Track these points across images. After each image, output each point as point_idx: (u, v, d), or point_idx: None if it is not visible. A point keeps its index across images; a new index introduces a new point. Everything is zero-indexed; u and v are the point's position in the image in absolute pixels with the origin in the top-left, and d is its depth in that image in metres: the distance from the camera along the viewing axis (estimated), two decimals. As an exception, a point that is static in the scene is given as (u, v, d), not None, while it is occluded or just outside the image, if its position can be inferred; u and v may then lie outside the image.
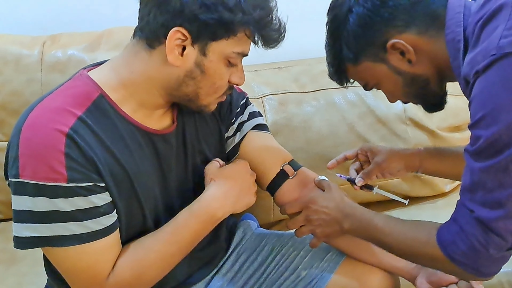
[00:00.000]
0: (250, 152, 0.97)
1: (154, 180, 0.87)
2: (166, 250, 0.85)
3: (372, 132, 1.31)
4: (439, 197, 1.39)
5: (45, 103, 0.79)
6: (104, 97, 0.81)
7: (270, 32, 0.81)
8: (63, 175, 0.74)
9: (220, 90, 0.85)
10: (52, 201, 0.75)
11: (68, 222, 0.76)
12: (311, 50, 1.48)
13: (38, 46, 1.29)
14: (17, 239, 0.78)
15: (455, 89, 1.34)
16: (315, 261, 0.96)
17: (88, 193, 0.77)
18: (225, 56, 0.81)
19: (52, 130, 0.75)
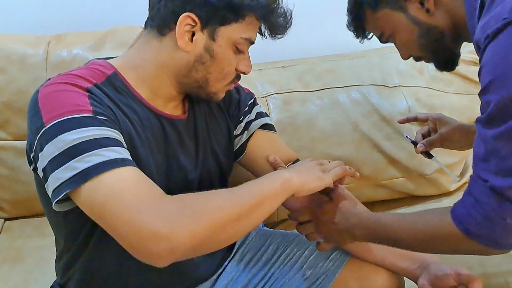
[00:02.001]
0: (257, 151, 0.99)
1: (157, 159, 0.86)
2: (232, 197, 0.76)
3: (376, 131, 1.30)
4: (444, 196, 1.38)
5: (61, 74, 0.81)
6: (118, 75, 0.84)
7: (277, 18, 0.85)
8: (88, 108, 0.75)
9: (228, 77, 0.88)
10: (81, 131, 0.72)
11: (99, 148, 0.72)
12: (315, 49, 1.48)
13: (43, 46, 1.29)
14: (58, 188, 0.72)
15: (459, 87, 1.35)
16: (320, 261, 0.96)
17: (113, 126, 0.76)
18: (233, 42, 0.84)
19: (71, 84, 0.77)
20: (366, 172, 1.31)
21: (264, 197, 0.77)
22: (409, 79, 1.34)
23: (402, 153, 1.31)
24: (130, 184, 0.72)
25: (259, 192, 0.77)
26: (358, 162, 1.30)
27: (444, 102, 1.33)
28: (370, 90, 1.32)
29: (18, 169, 1.32)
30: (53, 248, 1.00)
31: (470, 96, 1.37)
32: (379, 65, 1.36)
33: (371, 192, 1.34)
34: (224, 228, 0.73)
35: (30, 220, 1.37)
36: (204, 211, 0.72)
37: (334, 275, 0.93)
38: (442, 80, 1.36)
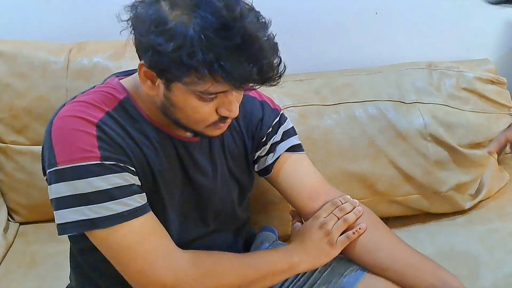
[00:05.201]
0: (282, 174, 1.00)
1: (177, 181, 0.89)
2: (240, 265, 0.87)
3: (392, 147, 1.30)
4: (458, 214, 1.37)
5: (76, 99, 0.84)
6: (130, 99, 0.85)
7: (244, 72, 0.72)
8: (96, 153, 0.78)
9: (204, 122, 0.82)
10: (89, 181, 0.77)
11: (107, 201, 0.78)
12: (332, 63, 1.49)
13: (64, 53, 1.31)
14: (63, 225, 0.79)
15: (476, 106, 1.35)
16: (334, 277, 0.96)
17: (121, 170, 0.80)
18: (192, 93, 0.77)
19: (82, 119, 0.80)
20: (381, 188, 1.31)
21: (270, 274, 0.88)
22: (426, 96, 1.34)
23: (417, 170, 1.30)
24: (140, 238, 0.80)
25: (266, 268, 0.88)
26: (373, 177, 1.30)
27: (460, 120, 1.33)
28: (387, 105, 1.32)
29: (35, 174, 1.34)
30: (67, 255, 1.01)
31: (487, 115, 1.36)
32: (396, 81, 1.36)
33: (386, 208, 1.34)
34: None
35: (45, 225, 1.38)
36: (210, 275, 0.83)
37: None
38: (459, 98, 1.36)
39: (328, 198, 0.99)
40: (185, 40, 0.71)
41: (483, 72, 1.40)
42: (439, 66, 1.40)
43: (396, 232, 1.01)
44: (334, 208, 0.97)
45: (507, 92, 1.42)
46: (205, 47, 0.70)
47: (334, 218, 0.96)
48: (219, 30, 0.71)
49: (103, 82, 0.90)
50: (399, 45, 1.54)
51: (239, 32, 0.71)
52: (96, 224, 0.78)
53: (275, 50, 0.76)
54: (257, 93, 1.04)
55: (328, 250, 0.93)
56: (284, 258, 0.91)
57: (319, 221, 0.95)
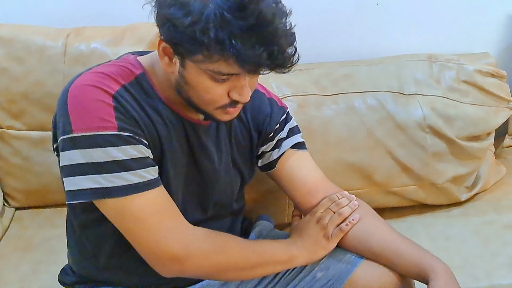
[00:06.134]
0: (286, 170, 1.02)
1: (183, 162, 0.90)
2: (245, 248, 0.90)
3: (390, 138, 1.30)
4: (454, 206, 1.38)
5: (93, 70, 0.84)
6: (146, 75, 0.86)
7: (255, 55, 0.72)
8: (113, 123, 0.79)
9: (215, 103, 0.82)
10: (106, 150, 0.78)
11: (124, 171, 0.79)
12: (332, 54, 1.49)
13: (62, 38, 1.30)
14: (75, 192, 0.80)
15: (476, 99, 1.35)
16: (331, 263, 0.97)
17: (137, 142, 0.81)
18: (204, 72, 0.78)
19: (100, 89, 0.80)
20: (378, 179, 1.31)
21: (270, 262, 0.92)
22: (425, 87, 1.34)
23: (415, 161, 1.31)
24: (154, 209, 0.81)
25: (268, 256, 0.91)
26: (370, 168, 1.30)
27: (459, 113, 1.33)
28: (386, 97, 1.32)
29: (31, 160, 1.34)
30: (63, 239, 1.01)
31: (486, 108, 1.36)
32: (396, 73, 1.36)
33: (382, 199, 1.34)
34: (227, 272, 0.88)
35: (41, 210, 1.38)
36: (217, 251, 0.86)
37: (346, 276, 0.94)
38: (458, 90, 1.36)
39: (327, 194, 1.01)
40: (201, 16, 0.72)
41: (483, 65, 1.40)
42: (440, 59, 1.40)
43: (391, 223, 1.02)
44: (331, 203, 1.00)
45: (506, 85, 1.42)
46: (218, 25, 0.72)
47: (330, 212, 0.98)
48: (235, 10, 0.72)
49: (119, 58, 0.91)
50: (399, 37, 1.54)
51: (254, 13, 0.72)
52: (110, 193, 0.79)
53: (290, 38, 0.76)
54: (265, 90, 1.06)
55: (324, 243, 0.96)
56: (285, 249, 0.94)
57: (316, 216, 0.99)
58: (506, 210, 1.33)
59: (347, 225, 0.96)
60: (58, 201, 1.36)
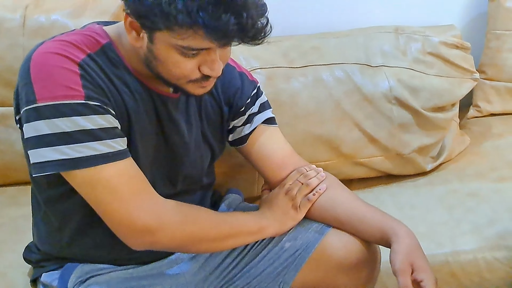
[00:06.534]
0: (256, 145, 1.02)
1: (152, 135, 0.89)
2: (216, 219, 0.90)
3: (358, 110, 1.31)
4: (420, 175, 1.40)
5: (55, 38, 0.81)
6: (112, 45, 0.83)
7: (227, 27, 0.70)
8: (80, 92, 0.76)
9: (185, 78, 0.80)
10: (73, 119, 0.75)
11: (92, 141, 0.77)
12: (301, 27, 1.48)
13: (20, 10, 1.26)
14: (42, 164, 0.77)
15: (441, 70, 1.37)
16: (299, 233, 0.98)
17: (105, 112, 0.78)
18: (173, 47, 0.75)
19: (64, 57, 0.77)
20: (345, 150, 1.32)
21: (241, 233, 0.92)
22: (392, 59, 1.35)
23: (381, 132, 1.32)
24: (125, 179, 0.80)
25: (239, 227, 0.92)
26: (338, 140, 1.31)
27: (425, 84, 1.34)
28: (354, 69, 1.32)
29: (-8, 136, 1.30)
30: (27, 218, 0.99)
31: (451, 79, 1.38)
32: (364, 45, 1.37)
33: (350, 170, 1.36)
34: (199, 243, 0.88)
35: (4, 189, 1.35)
36: (189, 222, 0.85)
37: (313, 245, 0.95)
38: (424, 62, 1.37)
39: (296, 167, 1.02)
40: None
41: (448, 37, 1.42)
42: (406, 31, 1.41)
43: (359, 194, 1.04)
44: (299, 175, 1.01)
45: (470, 57, 1.44)
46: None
47: (299, 184, 1.00)
48: None
49: (83, 28, 0.87)
50: (367, 9, 1.54)
51: None
52: (79, 164, 0.76)
53: (261, 8, 0.75)
54: (235, 64, 1.04)
55: (293, 214, 0.97)
56: (255, 221, 0.95)
57: (285, 188, 1.00)
58: (469, 179, 1.36)
59: (314, 195, 0.98)
60: (21, 179, 1.33)
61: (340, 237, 0.95)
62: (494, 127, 1.57)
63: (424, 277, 0.83)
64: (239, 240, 0.93)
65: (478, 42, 1.58)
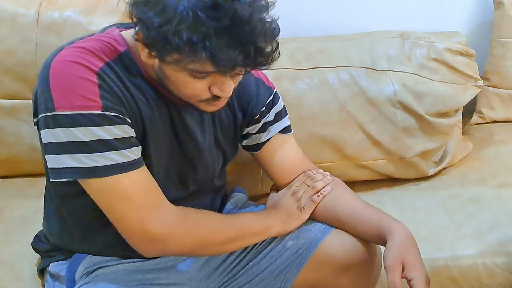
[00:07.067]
0: (271, 154, 1.04)
1: (166, 141, 0.90)
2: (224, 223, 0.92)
3: (362, 113, 1.32)
4: (422, 180, 1.42)
5: (75, 45, 0.82)
6: (130, 52, 0.84)
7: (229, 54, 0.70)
8: (98, 102, 0.77)
9: (196, 98, 0.81)
10: (90, 129, 0.77)
11: (108, 151, 0.78)
12: (307, 30, 1.50)
13: (34, 6, 1.28)
14: (60, 170, 0.79)
15: (445, 76, 1.39)
16: (302, 232, 0.99)
17: (122, 122, 0.80)
18: (183, 68, 0.75)
19: (83, 66, 0.78)
20: (349, 152, 1.34)
21: (247, 234, 0.94)
22: (397, 64, 1.36)
23: (385, 136, 1.34)
24: (139, 188, 0.82)
25: (245, 228, 0.94)
26: (342, 141, 1.33)
27: (429, 90, 1.36)
28: (359, 72, 1.34)
29: (2, 129, 1.32)
30: (35, 209, 1.01)
31: (454, 86, 1.40)
32: (369, 49, 1.38)
33: (353, 172, 1.37)
34: (209, 247, 0.91)
35: (12, 180, 1.36)
36: (198, 228, 0.88)
37: (315, 245, 0.96)
38: (429, 67, 1.38)
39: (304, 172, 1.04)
40: (174, 15, 0.69)
41: (453, 44, 1.43)
42: (411, 36, 1.42)
43: (362, 196, 1.05)
44: (306, 178, 1.02)
45: (475, 64, 1.45)
46: (192, 26, 0.69)
47: (305, 186, 1.01)
48: (209, 10, 0.69)
49: (103, 31, 0.89)
50: (373, 14, 1.56)
51: (229, 12, 0.69)
52: (95, 173, 0.79)
53: (270, 35, 0.74)
54: None
55: (298, 214, 0.99)
56: (260, 221, 0.97)
57: (291, 189, 1.02)
58: (471, 184, 1.37)
59: (318, 196, 0.99)
60: (29, 171, 1.35)
61: (341, 237, 0.97)
62: (497, 133, 1.58)
63: (414, 275, 0.82)
64: (246, 241, 0.95)
65: (483, 49, 1.59)
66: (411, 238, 0.89)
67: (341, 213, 0.98)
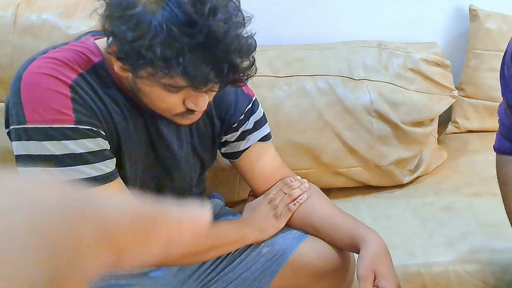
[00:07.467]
0: (249, 162, 1.03)
1: (141, 152, 0.89)
2: None
3: (339, 121, 1.34)
4: (397, 187, 1.44)
5: (48, 55, 0.80)
6: (105, 63, 0.82)
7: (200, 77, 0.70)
8: (70, 116, 0.76)
9: (170, 111, 0.80)
10: (63, 143, 0.76)
11: (81, 165, 0.77)
12: (286, 38, 1.51)
13: (12, 7, 1.26)
14: None
15: (421, 86, 1.41)
16: (277, 239, 1.00)
17: (95, 135, 0.79)
18: (156, 82, 0.74)
19: (55, 78, 0.76)
20: (325, 160, 1.35)
21: (223, 243, 0.95)
22: (374, 73, 1.39)
23: (361, 144, 1.36)
24: None
25: (220, 238, 0.95)
26: (319, 149, 1.34)
27: (405, 99, 1.38)
28: (336, 81, 1.36)
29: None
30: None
31: (429, 95, 1.42)
32: (347, 58, 1.40)
33: (329, 179, 1.39)
34: (183, 258, 0.90)
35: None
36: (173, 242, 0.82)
37: (290, 251, 0.97)
38: (405, 77, 1.41)
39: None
40: (148, 30, 0.68)
41: (429, 55, 1.46)
42: (389, 46, 1.45)
43: (337, 203, 1.06)
44: (283, 186, 1.03)
45: (450, 74, 1.48)
46: (166, 41, 0.68)
47: (282, 194, 1.02)
48: (183, 26, 0.68)
49: (77, 40, 0.87)
50: (352, 23, 1.58)
51: (203, 30, 0.68)
52: None
53: (246, 51, 0.73)
54: None
55: (274, 222, 1.00)
56: (236, 230, 0.97)
57: (269, 197, 1.02)
58: (445, 193, 1.40)
59: (294, 204, 1.00)
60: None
61: (315, 244, 0.97)
62: (471, 143, 1.61)
63: (384, 285, 0.84)
64: (221, 251, 0.96)
65: (459, 61, 1.63)
66: (384, 247, 0.90)
67: (316, 221, 0.99)
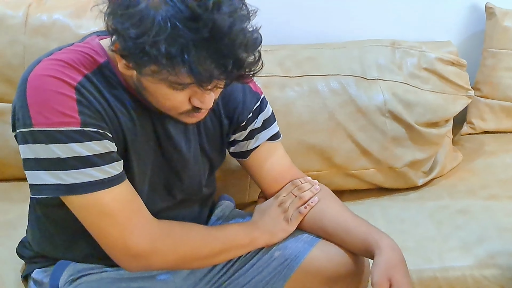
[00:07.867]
0: (258, 161, 1.02)
1: (149, 152, 0.89)
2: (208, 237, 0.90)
3: (351, 122, 1.32)
4: (411, 190, 1.41)
5: (53, 57, 0.80)
6: (110, 63, 0.82)
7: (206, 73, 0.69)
8: (76, 119, 0.76)
9: (176, 109, 0.80)
10: (69, 146, 0.76)
11: (88, 168, 0.77)
12: (297, 37, 1.50)
13: (23, 8, 1.27)
14: (40, 186, 0.78)
15: (435, 86, 1.39)
16: (289, 243, 0.98)
17: (101, 138, 0.78)
18: (161, 80, 0.73)
19: (61, 80, 0.76)
20: (337, 161, 1.33)
21: (233, 247, 0.93)
22: (387, 73, 1.36)
23: (374, 145, 1.33)
24: (121, 204, 0.81)
25: (230, 241, 0.93)
26: (331, 150, 1.32)
27: (419, 99, 1.36)
28: (349, 81, 1.34)
29: (-12, 132, 1.31)
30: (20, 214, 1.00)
31: (445, 96, 1.40)
32: (359, 57, 1.38)
33: (341, 181, 1.37)
34: (192, 261, 0.90)
35: (-3, 184, 1.35)
36: (181, 244, 0.87)
37: (303, 256, 0.95)
38: (419, 77, 1.38)
39: (292, 180, 1.03)
40: (151, 26, 0.67)
41: (444, 54, 1.43)
42: (403, 45, 1.42)
43: (350, 205, 1.04)
44: (294, 188, 1.01)
45: (466, 74, 1.45)
46: (170, 38, 0.67)
47: (292, 196, 1.00)
48: (187, 20, 0.67)
49: (82, 40, 0.87)
50: (364, 22, 1.56)
51: (208, 24, 0.67)
52: (74, 190, 0.77)
53: (252, 45, 0.71)
54: None
55: (285, 226, 0.98)
56: (246, 233, 0.96)
57: (279, 199, 1.01)
58: (460, 196, 1.37)
59: (305, 207, 0.98)
60: (15, 176, 1.33)
61: (328, 249, 0.96)
62: (487, 144, 1.58)
63: None
64: (230, 254, 0.95)
65: (474, 60, 1.60)
66: (399, 254, 0.89)
67: (328, 225, 0.97)
